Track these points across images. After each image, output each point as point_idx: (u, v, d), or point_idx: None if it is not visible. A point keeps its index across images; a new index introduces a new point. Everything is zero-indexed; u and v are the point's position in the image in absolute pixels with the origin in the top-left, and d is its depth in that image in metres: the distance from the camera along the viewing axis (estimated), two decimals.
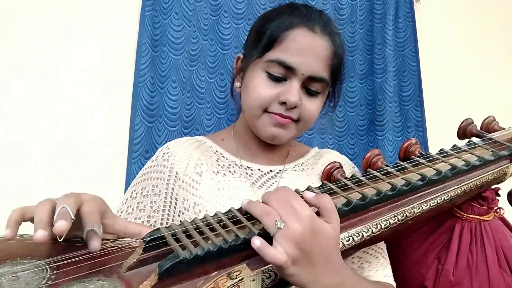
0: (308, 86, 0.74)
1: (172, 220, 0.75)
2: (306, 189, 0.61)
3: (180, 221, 0.56)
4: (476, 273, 0.74)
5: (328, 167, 0.72)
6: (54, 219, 0.46)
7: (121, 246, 0.53)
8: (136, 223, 0.59)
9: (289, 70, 0.72)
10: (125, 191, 1.13)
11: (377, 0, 1.39)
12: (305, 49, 0.71)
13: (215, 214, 0.56)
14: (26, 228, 0.50)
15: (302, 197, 0.53)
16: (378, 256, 0.78)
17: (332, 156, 0.88)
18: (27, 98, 1.13)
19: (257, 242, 0.48)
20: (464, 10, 1.59)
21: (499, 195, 0.81)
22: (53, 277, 0.46)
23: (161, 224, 0.75)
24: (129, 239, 0.55)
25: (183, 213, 0.74)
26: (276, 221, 0.48)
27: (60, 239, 0.46)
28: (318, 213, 0.53)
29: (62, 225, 0.45)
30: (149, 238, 0.51)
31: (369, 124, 1.40)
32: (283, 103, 0.72)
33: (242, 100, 0.79)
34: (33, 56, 1.13)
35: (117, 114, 1.18)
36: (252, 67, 0.75)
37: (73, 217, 0.47)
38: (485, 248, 0.75)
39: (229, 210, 0.57)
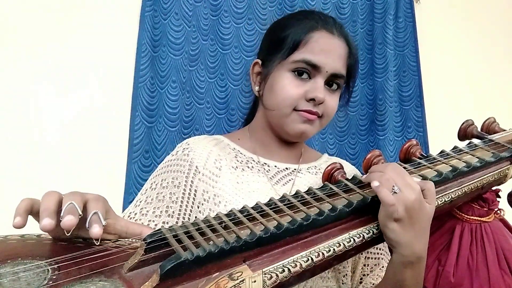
0: (329, 83, 0.80)
1: (190, 211, 0.77)
2: (308, 190, 0.64)
3: (189, 219, 0.56)
4: (477, 274, 0.74)
5: (329, 168, 0.72)
6: (62, 214, 0.47)
7: (122, 246, 0.53)
8: (137, 224, 0.59)
9: (314, 69, 0.77)
10: (125, 191, 1.14)
11: (378, 0, 1.39)
12: (327, 49, 0.78)
13: (217, 215, 0.56)
14: (27, 228, 0.50)
15: None
16: None
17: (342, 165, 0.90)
18: (27, 98, 1.13)
19: (375, 183, 0.59)
20: (464, 10, 1.59)
21: (499, 197, 0.81)
22: (54, 277, 0.45)
23: (179, 214, 0.77)
24: (130, 239, 0.55)
25: (202, 204, 0.76)
26: (393, 186, 0.58)
27: (68, 234, 0.47)
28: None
29: (70, 220, 0.47)
30: (150, 239, 0.51)
31: (370, 124, 1.40)
32: (311, 100, 0.77)
33: (265, 101, 0.82)
34: (32, 56, 1.13)
35: (117, 114, 1.18)
36: (277, 70, 0.79)
37: (80, 212, 0.48)
38: (485, 250, 0.75)
39: (231, 211, 0.58)
